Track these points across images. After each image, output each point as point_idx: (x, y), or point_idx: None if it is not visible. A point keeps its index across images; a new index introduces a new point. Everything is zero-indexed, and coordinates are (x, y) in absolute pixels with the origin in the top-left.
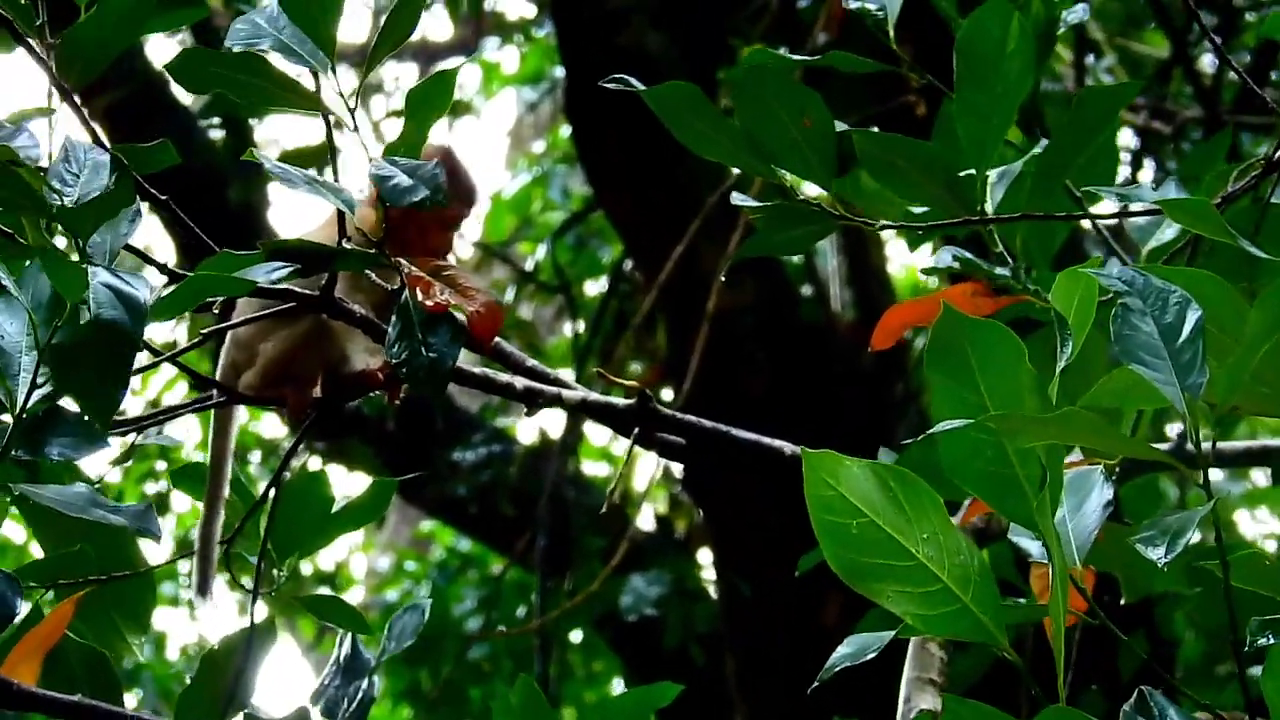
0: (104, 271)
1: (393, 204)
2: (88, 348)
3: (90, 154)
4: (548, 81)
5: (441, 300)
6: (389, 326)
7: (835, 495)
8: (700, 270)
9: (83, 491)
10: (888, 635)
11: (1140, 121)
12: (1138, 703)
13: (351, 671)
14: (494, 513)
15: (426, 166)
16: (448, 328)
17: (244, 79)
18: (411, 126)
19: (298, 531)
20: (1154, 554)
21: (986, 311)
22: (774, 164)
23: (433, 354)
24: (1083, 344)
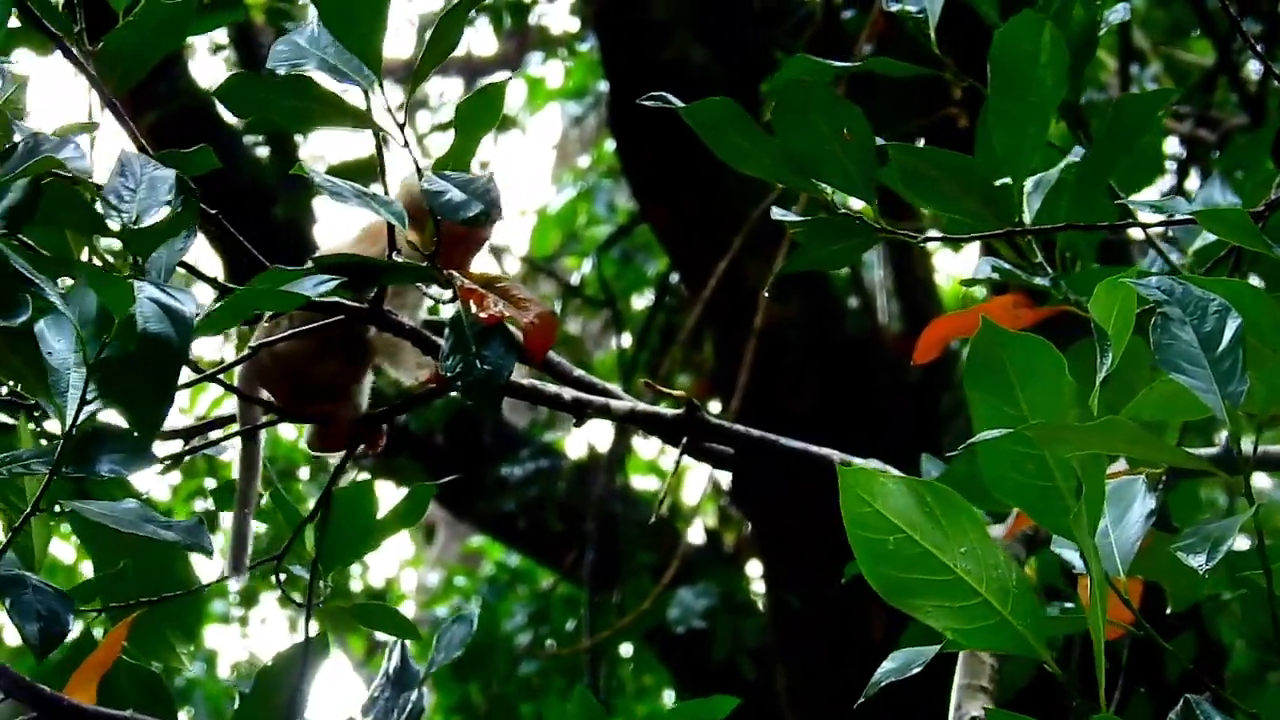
0: (150, 286)
1: (447, 219)
2: (133, 362)
3: (147, 169)
4: (592, 96)
5: (496, 312)
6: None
7: (871, 511)
8: (746, 283)
9: (134, 507)
10: (932, 650)
11: (1185, 130)
12: (1184, 711)
13: (401, 683)
14: (542, 527)
15: (479, 181)
16: (501, 340)
17: (291, 102)
18: (461, 140)
19: (345, 542)
20: (1195, 561)
21: (1028, 322)
22: (814, 178)
23: (488, 367)
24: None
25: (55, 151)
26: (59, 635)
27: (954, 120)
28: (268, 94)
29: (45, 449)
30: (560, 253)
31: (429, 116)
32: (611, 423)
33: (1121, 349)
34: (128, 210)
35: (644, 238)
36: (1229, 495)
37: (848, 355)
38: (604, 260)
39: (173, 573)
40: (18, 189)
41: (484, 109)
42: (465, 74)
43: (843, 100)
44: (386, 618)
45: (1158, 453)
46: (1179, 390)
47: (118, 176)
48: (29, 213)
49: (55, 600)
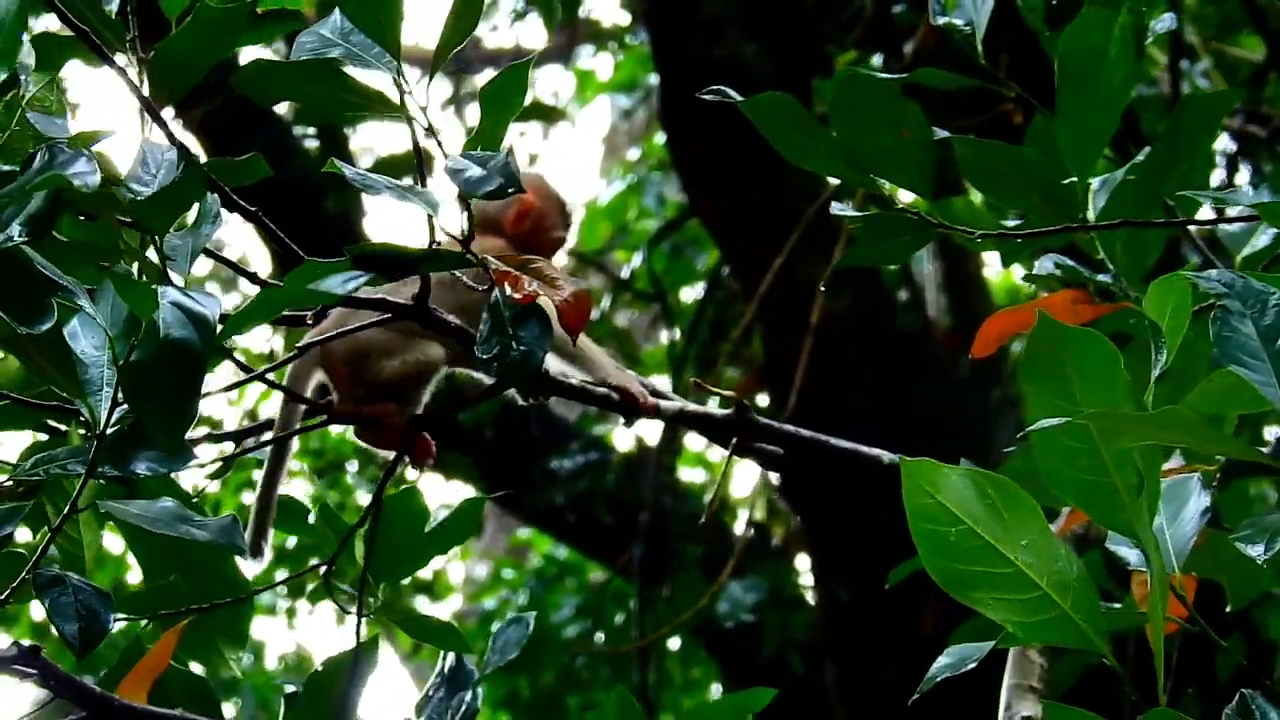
0: (174, 290)
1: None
2: (156, 368)
3: (167, 154)
4: (642, 88)
5: (529, 292)
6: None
7: (934, 504)
8: (797, 277)
9: (169, 507)
10: (988, 645)
11: (1236, 125)
12: (1239, 706)
13: (455, 683)
14: (591, 521)
15: (497, 158)
16: (536, 322)
17: (317, 88)
18: (487, 123)
19: (394, 554)
20: (1253, 551)
21: (1087, 319)
22: (872, 174)
23: (523, 348)
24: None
25: (66, 167)
26: (99, 635)
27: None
28: (289, 80)
29: (81, 449)
30: (610, 246)
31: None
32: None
33: (1176, 345)
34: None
35: (694, 231)
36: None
37: (899, 350)
38: (654, 254)
39: (219, 572)
40: (39, 196)
41: (508, 91)
42: None
43: (900, 96)
44: (434, 629)
45: (1218, 444)
46: (1237, 383)
47: (138, 166)
48: (50, 220)
49: (95, 599)
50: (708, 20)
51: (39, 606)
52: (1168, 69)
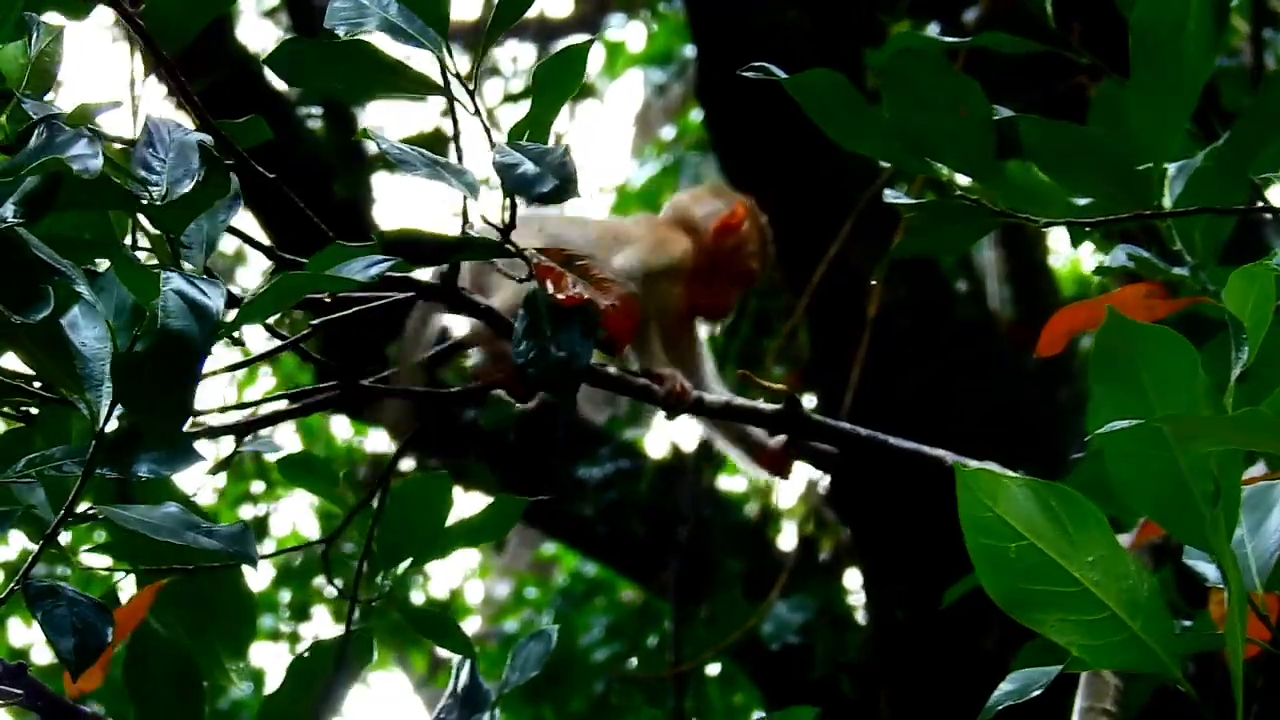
0: (178, 278)
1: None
2: (152, 360)
3: (176, 134)
4: (677, 62)
5: (574, 294)
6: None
7: (992, 517)
8: (848, 267)
9: (173, 512)
10: (1054, 670)
11: None
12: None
13: (470, 704)
14: (623, 534)
15: (556, 153)
16: (579, 323)
17: (351, 69)
18: (538, 108)
19: (409, 538)
20: None
21: (1162, 314)
22: (929, 157)
23: (563, 352)
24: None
25: (64, 149)
26: (96, 650)
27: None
28: (324, 61)
29: (78, 448)
30: None
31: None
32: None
33: (1259, 342)
34: (158, 183)
35: None
36: None
37: (959, 344)
38: None
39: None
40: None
41: (564, 73)
42: (539, 38)
43: (958, 72)
44: (441, 627)
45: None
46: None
47: (145, 146)
48: (47, 200)
49: (91, 612)
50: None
51: (17, 627)
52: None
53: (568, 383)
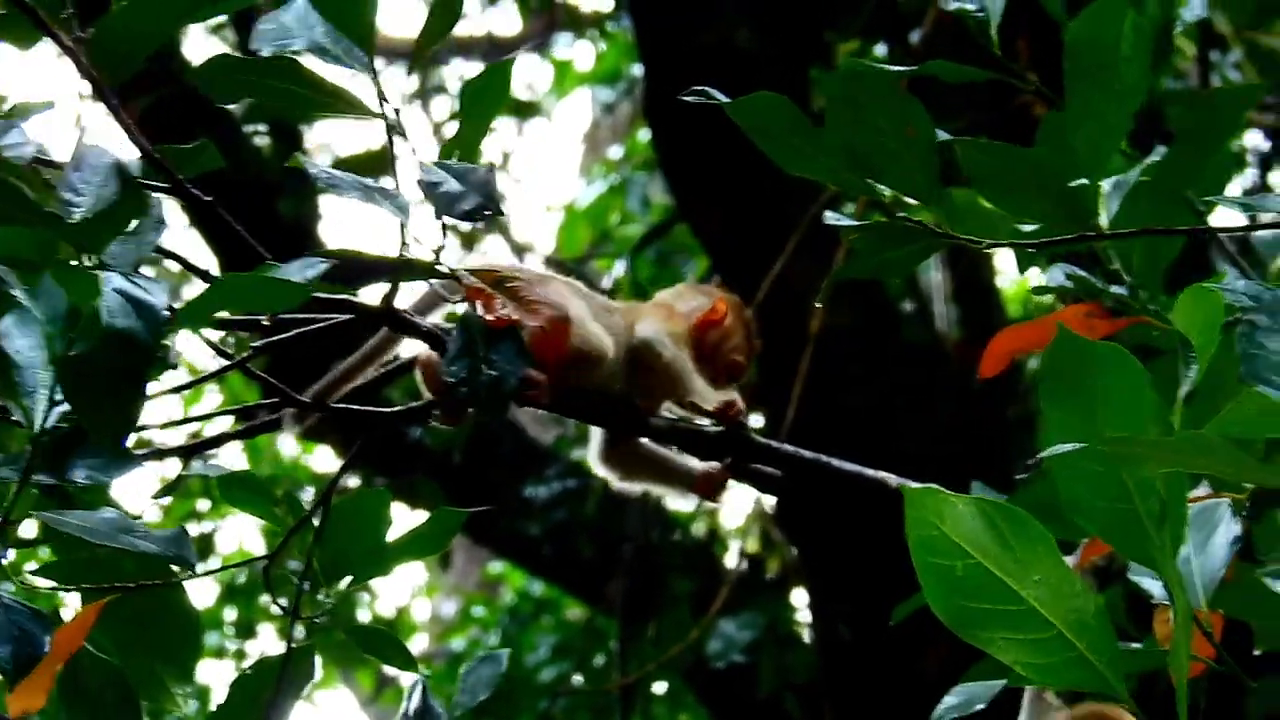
0: (118, 277)
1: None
2: (98, 360)
3: (104, 159)
4: (625, 81)
5: (503, 314)
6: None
7: (939, 535)
8: (792, 289)
9: (110, 517)
10: (997, 685)
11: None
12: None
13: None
14: (570, 553)
15: (479, 172)
16: (511, 344)
17: (279, 85)
18: (468, 126)
19: (350, 554)
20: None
21: (1102, 334)
22: (873, 179)
23: (494, 372)
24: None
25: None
26: (33, 658)
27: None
28: (252, 76)
29: (15, 455)
30: (591, 253)
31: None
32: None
33: (1207, 362)
34: (81, 205)
35: (682, 237)
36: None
37: (905, 365)
38: (638, 262)
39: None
40: None
41: (490, 92)
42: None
43: (903, 94)
44: (382, 642)
45: (1249, 472)
46: (1268, 406)
47: (74, 170)
48: None
49: (29, 620)
50: (698, 3)
51: None
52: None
53: (498, 402)
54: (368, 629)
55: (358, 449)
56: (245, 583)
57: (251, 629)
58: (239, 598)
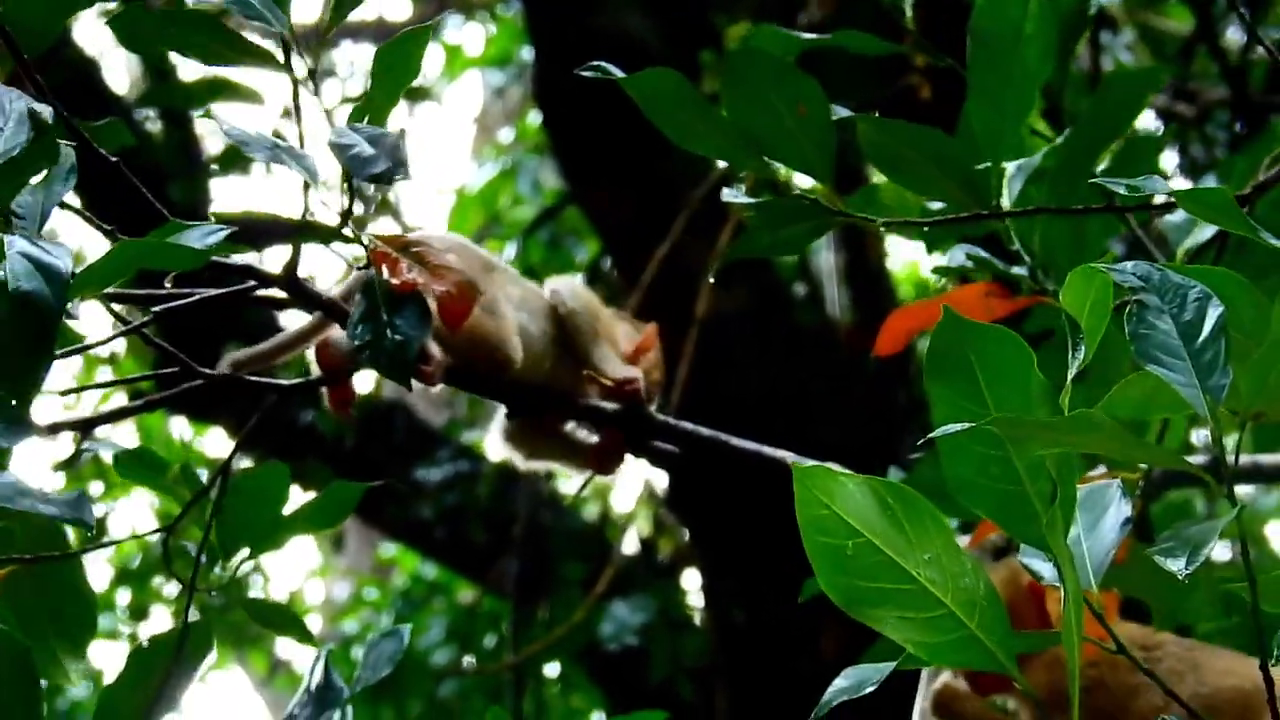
0: (22, 240)
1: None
2: (4, 324)
3: (16, 103)
4: (516, 64)
5: (409, 279)
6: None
7: (829, 515)
8: (686, 269)
9: (9, 481)
10: (888, 667)
11: (1162, 103)
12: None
13: (324, 701)
14: (462, 536)
15: (390, 137)
16: (414, 308)
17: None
18: (376, 94)
19: (247, 528)
20: (1173, 565)
21: (1002, 314)
22: (766, 156)
23: (398, 336)
24: (1105, 352)
25: None
26: None
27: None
28: (164, 25)
29: None
30: (481, 236)
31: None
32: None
33: (1096, 342)
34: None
35: (573, 220)
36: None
37: (796, 348)
38: (530, 244)
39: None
40: None
41: (403, 59)
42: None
43: (797, 71)
44: (278, 615)
45: (1136, 452)
46: (1157, 385)
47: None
48: None
49: None
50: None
51: None
52: (1088, 43)
53: (402, 367)
54: (264, 603)
55: (251, 426)
56: (139, 566)
57: (145, 612)
58: (132, 580)
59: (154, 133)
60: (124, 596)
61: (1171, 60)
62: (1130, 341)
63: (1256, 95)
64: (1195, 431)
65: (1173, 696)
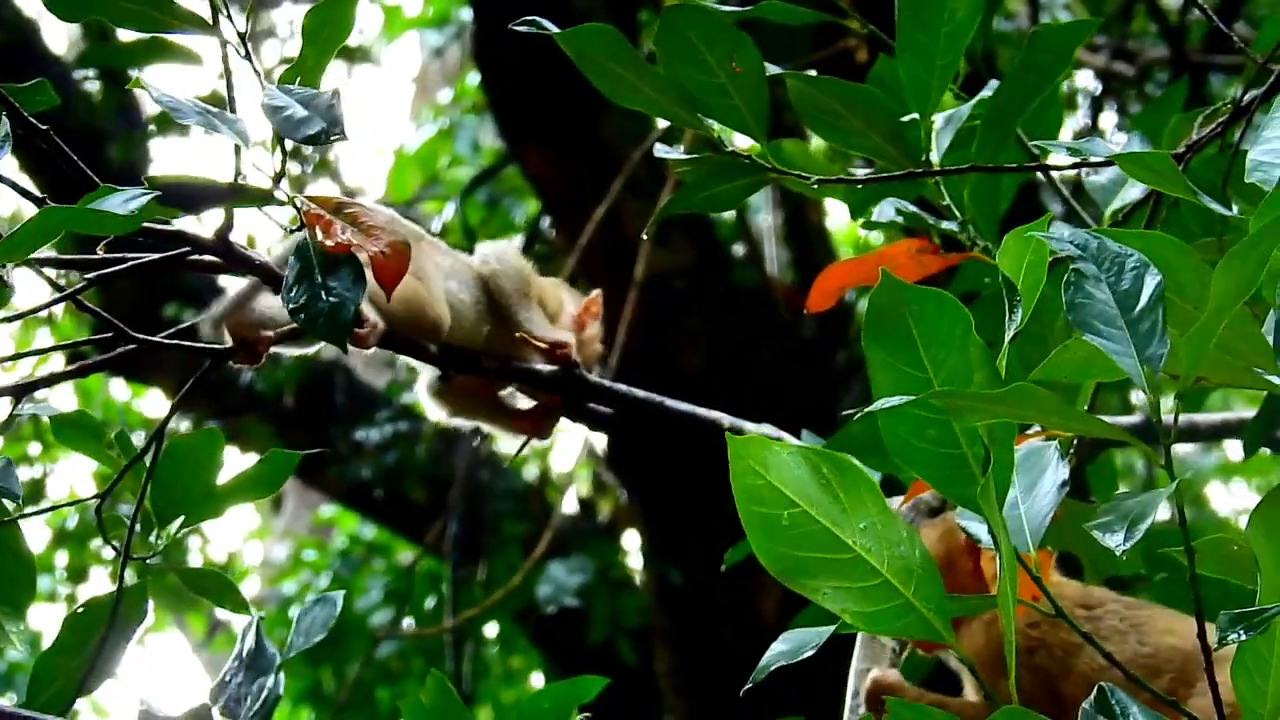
0: None
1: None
2: None
3: None
4: (454, 24)
5: (343, 240)
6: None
7: (764, 484)
8: (625, 230)
9: None
10: (826, 631)
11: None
12: (1098, 700)
13: (256, 668)
14: (401, 497)
15: (323, 97)
16: (349, 270)
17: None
18: (310, 53)
19: (182, 495)
20: (1112, 541)
21: (934, 270)
22: (701, 113)
23: (333, 298)
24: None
25: None
26: None
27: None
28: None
29: None
30: (420, 196)
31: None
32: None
33: (1032, 305)
34: None
35: (512, 180)
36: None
37: (735, 307)
38: (468, 205)
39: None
40: None
41: (335, 19)
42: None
43: (732, 29)
44: (212, 583)
45: (1071, 421)
46: (1094, 352)
47: None
48: None
49: None
50: None
51: None
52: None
53: (337, 329)
54: (199, 571)
55: (189, 387)
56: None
57: (84, 573)
58: (70, 542)
59: (93, 93)
60: (62, 558)
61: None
62: (1067, 310)
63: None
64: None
65: (1108, 658)
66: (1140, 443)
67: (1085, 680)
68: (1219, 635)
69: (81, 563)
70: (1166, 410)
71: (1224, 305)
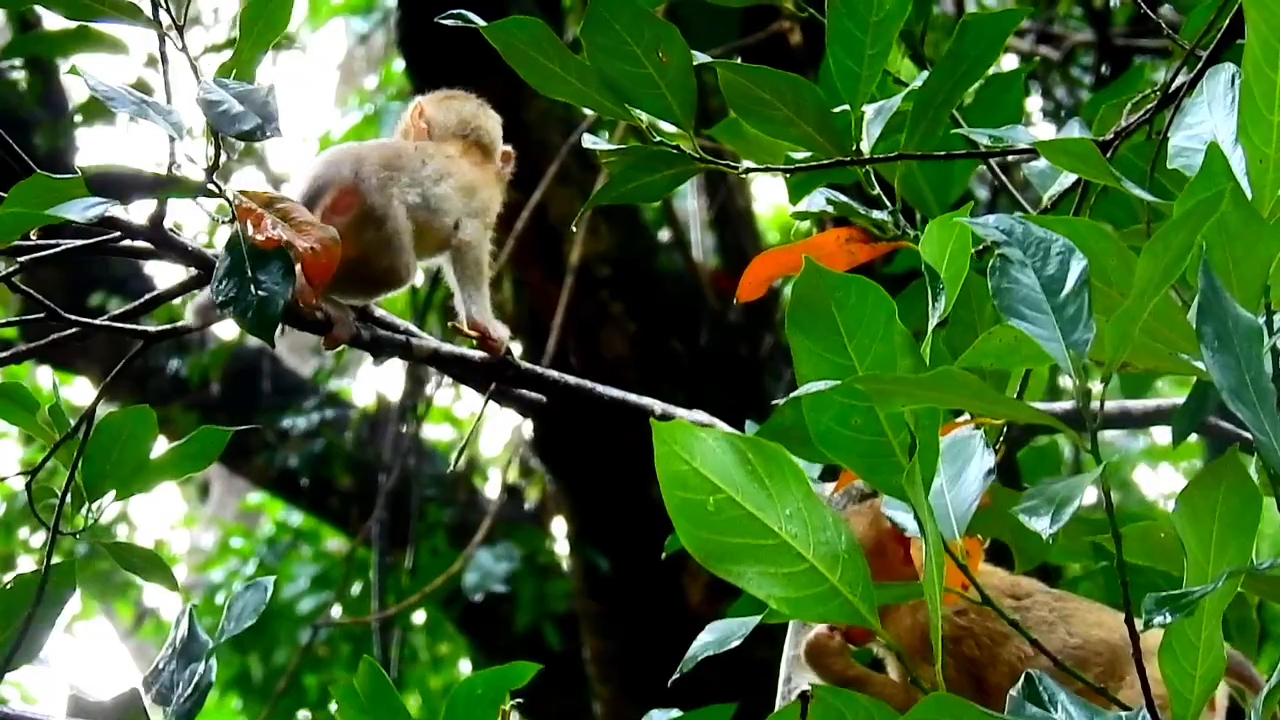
0: None
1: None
2: None
3: None
4: (380, 11)
5: (273, 235)
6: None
7: (689, 470)
8: (549, 218)
9: None
10: (753, 621)
11: (1026, 46)
12: (1026, 687)
13: (188, 654)
14: (328, 484)
15: (259, 93)
16: (279, 265)
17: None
18: (244, 48)
19: (114, 470)
20: (1038, 525)
21: (864, 259)
22: (628, 104)
23: (262, 292)
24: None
25: None
26: None
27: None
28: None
29: None
30: None
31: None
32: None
33: (956, 292)
34: None
35: None
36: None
37: (661, 294)
38: None
39: None
40: None
41: (271, 13)
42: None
43: (659, 20)
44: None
45: (996, 406)
46: (1020, 338)
47: None
48: None
49: None
50: None
51: None
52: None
53: (266, 322)
54: (130, 546)
55: (118, 370)
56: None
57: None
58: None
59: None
60: None
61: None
62: (993, 295)
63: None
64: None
65: (1037, 646)
66: (1067, 428)
67: (1011, 670)
68: (1145, 618)
69: (9, 550)
70: (1095, 395)
71: (1148, 290)
